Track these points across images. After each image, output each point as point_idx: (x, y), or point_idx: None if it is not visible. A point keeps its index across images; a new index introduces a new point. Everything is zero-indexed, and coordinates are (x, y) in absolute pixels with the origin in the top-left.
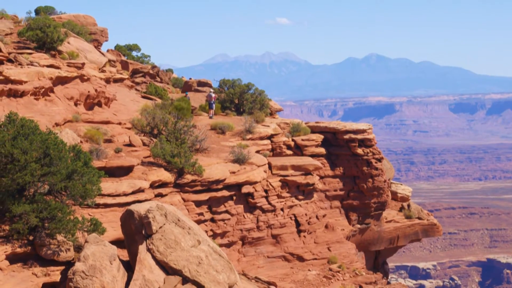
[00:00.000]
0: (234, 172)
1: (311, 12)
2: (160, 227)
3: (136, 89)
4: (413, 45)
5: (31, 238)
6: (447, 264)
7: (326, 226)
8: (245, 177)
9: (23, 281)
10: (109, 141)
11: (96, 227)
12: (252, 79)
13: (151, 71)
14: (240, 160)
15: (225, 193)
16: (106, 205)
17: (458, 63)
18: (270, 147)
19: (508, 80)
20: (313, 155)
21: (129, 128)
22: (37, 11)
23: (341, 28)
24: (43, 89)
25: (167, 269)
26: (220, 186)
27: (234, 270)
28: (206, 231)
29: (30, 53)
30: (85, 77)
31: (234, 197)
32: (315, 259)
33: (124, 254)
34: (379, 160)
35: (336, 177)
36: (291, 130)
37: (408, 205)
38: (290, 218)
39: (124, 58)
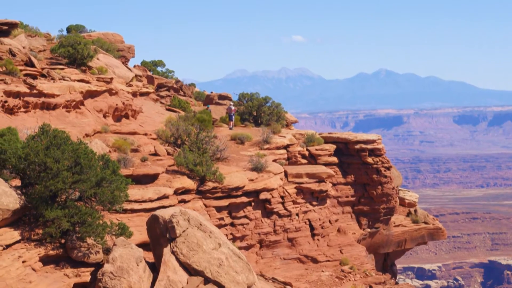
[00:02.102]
0: (252, 180)
1: (324, 30)
2: (184, 231)
3: (161, 102)
4: (420, 61)
5: (63, 241)
6: (451, 265)
7: (338, 230)
8: (263, 185)
9: (55, 281)
10: (135, 150)
11: (123, 231)
12: (269, 93)
13: (175, 85)
14: (258, 168)
15: (244, 199)
16: (133, 211)
17: (461, 78)
18: (286, 156)
19: (508, 94)
20: (326, 164)
21: (154, 139)
22: (69, 29)
23: (352, 45)
24: (74, 102)
25: (190, 270)
26: (239, 193)
27: (252, 271)
28: (226, 235)
29: (62, 69)
30: (113, 91)
31: (253, 203)
32: (328, 261)
33: (150, 256)
34: (388, 168)
35: (347, 184)
36: (306, 140)
37: (415, 211)
38: (305, 222)
39: (149, 73)
